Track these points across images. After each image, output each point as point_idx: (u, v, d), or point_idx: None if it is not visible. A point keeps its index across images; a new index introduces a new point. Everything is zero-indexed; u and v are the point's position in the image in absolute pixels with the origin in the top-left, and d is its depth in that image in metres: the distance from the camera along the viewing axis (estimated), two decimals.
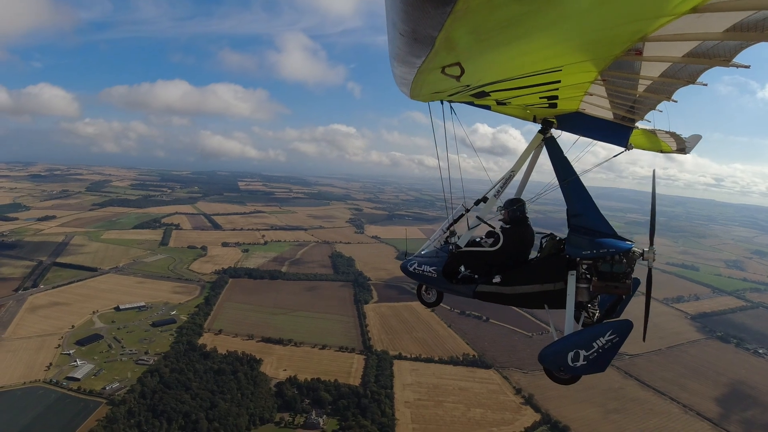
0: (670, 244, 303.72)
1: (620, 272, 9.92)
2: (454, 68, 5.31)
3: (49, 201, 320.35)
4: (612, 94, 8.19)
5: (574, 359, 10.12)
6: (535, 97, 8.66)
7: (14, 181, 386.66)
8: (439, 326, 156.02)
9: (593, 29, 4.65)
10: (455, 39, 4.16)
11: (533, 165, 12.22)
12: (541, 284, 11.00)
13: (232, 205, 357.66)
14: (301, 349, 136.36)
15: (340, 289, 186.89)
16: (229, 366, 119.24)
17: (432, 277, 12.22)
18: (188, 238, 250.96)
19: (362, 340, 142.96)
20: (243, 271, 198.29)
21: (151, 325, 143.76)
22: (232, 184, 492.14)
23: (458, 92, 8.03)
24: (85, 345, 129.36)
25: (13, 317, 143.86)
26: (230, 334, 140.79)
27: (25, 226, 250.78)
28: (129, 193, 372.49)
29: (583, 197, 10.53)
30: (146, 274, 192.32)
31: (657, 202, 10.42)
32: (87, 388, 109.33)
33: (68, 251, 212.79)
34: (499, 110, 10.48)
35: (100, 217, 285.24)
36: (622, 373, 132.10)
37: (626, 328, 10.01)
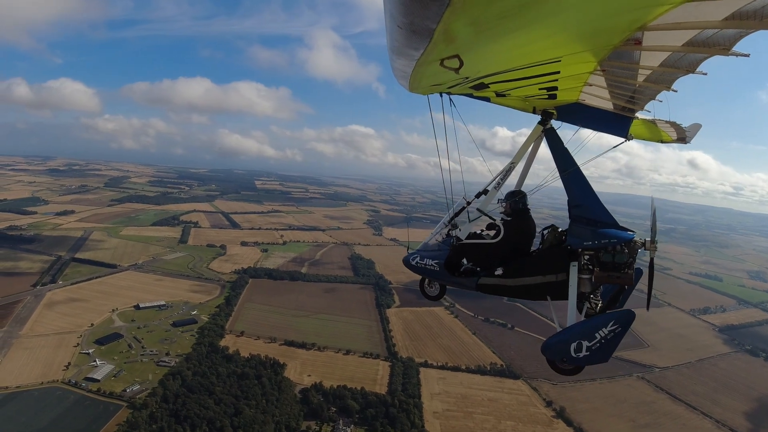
0: (691, 253, 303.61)
1: (622, 262, 9.93)
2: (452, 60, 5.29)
3: (67, 195, 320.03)
4: (611, 84, 8.16)
5: (577, 350, 9.98)
6: (534, 88, 8.57)
7: (33, 175, 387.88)
8: (463, 333, 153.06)
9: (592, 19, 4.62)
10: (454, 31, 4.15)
11: (533, 156, 12.17)
12: (544, 276, 10.90)
13: (249, 204, 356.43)
14: (325, 354, 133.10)
15: (361, 291, 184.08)
16: (253, 370, 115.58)
17: (434, 270, 12.15)
18: (207, 236, 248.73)
19: (386, 346, 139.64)
20: (263, 272, 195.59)
21: (172, 324, 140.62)
22: (249, 183, 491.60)
23: (457, 84, 7.90)
24: (104, 344, 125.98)
25: (31, 313, 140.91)
26: (252, 337, 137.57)
27: (43, 220, 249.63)
28: (147, 190, 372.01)
29: (583, 188, 10.47)
30: (166, 271, 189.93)
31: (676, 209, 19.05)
32: (107, 390, 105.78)
33: (87, 247, 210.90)
34: (499, 102, 10.40)
35: (119, 213, 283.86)
36: (653, 387, 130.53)
37: (628, 318, 9.90)
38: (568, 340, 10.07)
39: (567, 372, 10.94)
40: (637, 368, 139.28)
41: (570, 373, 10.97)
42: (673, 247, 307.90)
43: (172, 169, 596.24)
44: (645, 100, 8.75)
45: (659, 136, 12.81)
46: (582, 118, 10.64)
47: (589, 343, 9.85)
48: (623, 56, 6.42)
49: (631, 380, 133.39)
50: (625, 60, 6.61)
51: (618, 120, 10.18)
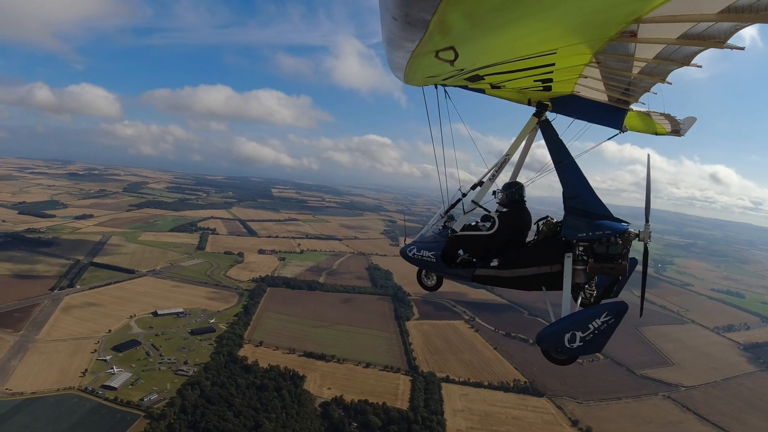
0: (712, 269, 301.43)
1: (616, 253, 9.92)
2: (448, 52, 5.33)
3: (86, 200, 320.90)
4: (606, 76, 8.24)
5: (571, 340, 9.91)
6: (529, 80, 8.56)
7: (52, 178, 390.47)
8: (484, 348, 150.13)
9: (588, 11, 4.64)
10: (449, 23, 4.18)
11: (528, 148, 12.25)
12: (538, 267, 10.89)
13: (266, 212, 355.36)
14: (345, 366, 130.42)
15: (379, 302, 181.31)
16: (272, 382, 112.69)
17: (431, 261, 12.25)
18: (224, 243, 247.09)
19: (407, 360, 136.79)
20: (281, 280, 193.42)
21: (190, 332, 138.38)
22: (265, 191, 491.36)
23: (452, 76, 7.92)
24: (122, 351, 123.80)
25: (48, 318, 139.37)
26: (271, 347, 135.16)
27: (62, 223, 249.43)
28: (165, 196, 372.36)
29: (578, 179, 10.47)
30: (183, 278, 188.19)
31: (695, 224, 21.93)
32: (124, 399, 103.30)
33: (105, 251, 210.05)
34: (494, 94, 10.57)
35: (137, 218, 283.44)
36: (680, 406, 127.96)
37: (621, 310, 9.77)
38: (562, 331, 10.07)
39: (561, 362, 10.94)
40: (662, 387, 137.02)
41: (564, 363, 10.96)
42: (693, 263, 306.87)
43: (189, 175, 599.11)
44: (640, 92, 8.89)
45: (653, 129, 12.99)
46: (577, 109, 10.77)
47: (582, 333, 9.87)
48: (618, 48, 6.45)
49: (657, 399, 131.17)
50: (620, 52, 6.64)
51: (613, 112, 10.32)
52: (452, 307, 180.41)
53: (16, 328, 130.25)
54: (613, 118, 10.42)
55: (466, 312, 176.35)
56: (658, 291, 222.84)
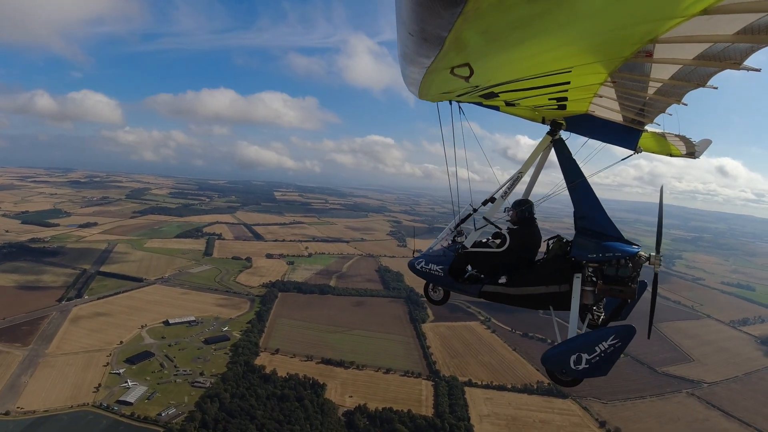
0: (721, 262, 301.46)
1: (625, 276, 9.89)
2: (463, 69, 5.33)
3: (89, 207, 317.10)
4: (621, 96, 8.20)
5: (577, 362, 9.86)
6: (544, 98, 8.47)
7: (54, 186, 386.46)
8: (503, 349, 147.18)
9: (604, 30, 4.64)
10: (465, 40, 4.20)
11: (541, 166, 12.03)
12: (547, 286, 10.86)
13: (271, 216, 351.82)
14: (365, 373, 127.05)
15: (392, 305, 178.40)
16: (293, 391, 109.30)
17: (439, 276, 12.17)
18: (231, 248, 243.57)
19: (427, 364, 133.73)
20: (292, 285, 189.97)
21: (204, 342, 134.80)
22: (268, 194, 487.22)
23: (467, 93, 7.96)
24: (135, 363, 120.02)
25: (57, 330, 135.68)
26: (288, 354, 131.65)
27: (66, 232, 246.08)
28: (168, 202, 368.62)
29: (590, 199, 10.47)
30: (193, 285, 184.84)
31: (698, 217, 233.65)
32: (141, 414, 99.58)
33: (112, 259, 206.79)
34: (508, 111, 10.49)
35: (142, 225, 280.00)
36: (704, 403, 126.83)
37: (629, 334, 9.74)
38: (568, 352, 9.94)
39: (566, 383, 10.95)
40: (685, 384, 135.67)
41: (569, 384, 10.94)
42: (701, 257, 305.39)
43: (191, 180, 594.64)
44: (655, 113, 8.78)
45: (668, 150, 12.88)
46: (591, 129, 10.55)
47: (588, 356, 9.71)
48: (634, 68, 6.40)
49: (681, 397, 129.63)
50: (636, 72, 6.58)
51: (627, 132, 10.12)
52: (466, 308, 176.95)
53: (25, 342, 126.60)
54: (627, 139, 10.21)
55: (480, 313, 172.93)
56: (671, 286, 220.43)
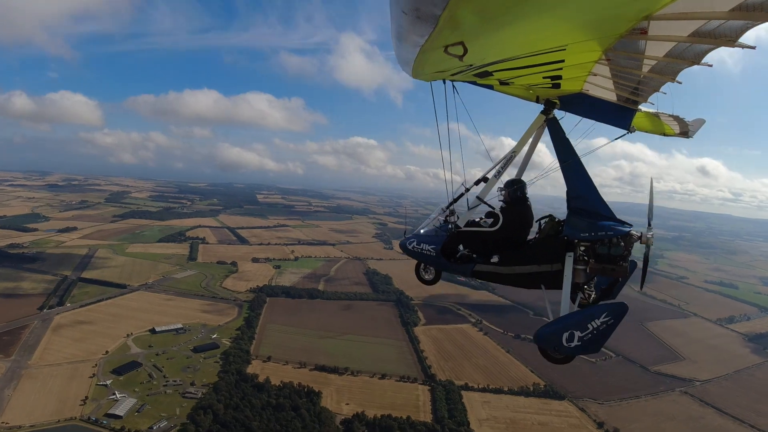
0: (702, 261, 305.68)
1: (617, 255, 9.96)
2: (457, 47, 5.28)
3: (68, 212, 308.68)
4: (616, 74, 8.23)
5: (569, 340, 9.98)
6: (538, 77, 8.54)
7: (31, 190, 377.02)
8: (497, 351, 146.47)
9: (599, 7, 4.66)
10: (459, 18, 4.19)
11: (535, 146, 12.23)
12: (539, 265, 10.99)
13: (254, 219, 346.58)
14: (360, 379, 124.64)
15: (382, 308, 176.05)
16: (288, 400, 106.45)
17: (431, 256, 12.29)
18: (216, 252, 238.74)
19: (421, 368, 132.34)
20: (280, 290, 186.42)
21: (192, 350, 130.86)
22: (250, 197, 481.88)
23: (461, 71, 7.95)
24: (122, 374, 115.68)
25: (39, 340, 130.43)
26: (280, 362, 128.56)
27: (45, 237, 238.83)
28: (149, 205, 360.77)
29: (583, 179, 10.49)
30: (178, 291, 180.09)
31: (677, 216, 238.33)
32: (131, 428, 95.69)
33: (93, 265, 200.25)
34: (502, 90, 10.54)
35: (123, 230, 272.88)
36: (698, 401, 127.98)
37: (621, 311, 9.93)
38: (561, 330, 10.04)
39: (557, 361, 11.05)
40: (678, 383, 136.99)
41: (560, 362, 11.08)
42: (683, 255, 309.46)
43: (171, 183, 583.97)
44: (649, 91, 8.85)
45: (662, 129, 12.94)
46: (585, 108, 10.61)
47: (581, 333, 9.82)
48: (629, 46, 6.38)
49: (674, 395, 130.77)
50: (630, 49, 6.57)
51: (621, 111, 10.17)
52: (457, 311, 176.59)
53: (6, 353, 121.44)
54: (621, 118, 10.27)
55: (471, 315, 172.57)
56: (656, 285, 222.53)
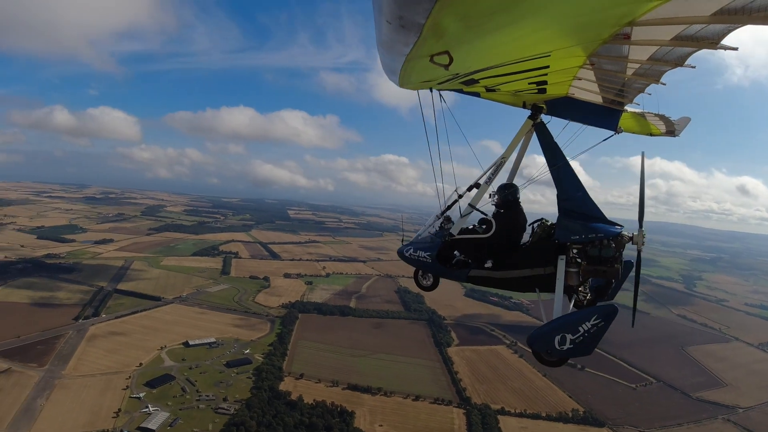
0: (741, 283, 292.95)
1: (609, 256, 10.02)
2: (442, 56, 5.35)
3: (105, 224, 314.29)
4: (601, 78, 8.46)
5: (561, 342, 10.05)
6: (524, 83, 8.58)
7: (69, 202, 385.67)
8: (532, 375, 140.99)
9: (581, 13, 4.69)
10: (443, 26, 4.21)
11: (524, 151, 12.36)
12: (532, 269, 11.08)
13: (285, 234, 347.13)
14: (393, 400, 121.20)
15: (414, 327, 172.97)
16: (321, 419, 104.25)
17: (427, 262, 12.45)
18: (248, 267, 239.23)
19: (456, 390, 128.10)
20: (312, 306, 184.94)
21: (225, 365, 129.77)
22: (282, 213, 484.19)
23: (447, 80, 7.96)
24: (155, 387, 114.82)
25: (74, 350, 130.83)
26: (312, 379, 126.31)
27: (82, 248, 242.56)
28: (183, 219, 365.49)
29: (572, 182, 10.55)
30: (211, 305, 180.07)
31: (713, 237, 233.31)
32: None
33: (129, 277, 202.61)
34: (489, 97, 10.72)
35: (158, 243, 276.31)
36: (742, 429, 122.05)
37: (611, 313, 9.86)
38: (552, 332, 10.12)
39: (551, 364, 11.14)
40: (721, 410, 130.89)
41: (554, 364, 11.22)
42: (722, 277, 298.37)
43: (205, 197, 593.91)
44: (634, 93, 9.14)
45: (648, 129, 13.34)
46: (572, 111, 10.83)
47: (572, 336, 9.86)
48: (612, 50, 6.55)
49: (718, 423, 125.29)
50: (614, 54, 6.74)
51: (607, 113, 10.47)
52: (490, 331, 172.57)
53: (40, 363, 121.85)
54: (607, 120, 10.55)
55: (505, 336, 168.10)
56: (696, 308, 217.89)
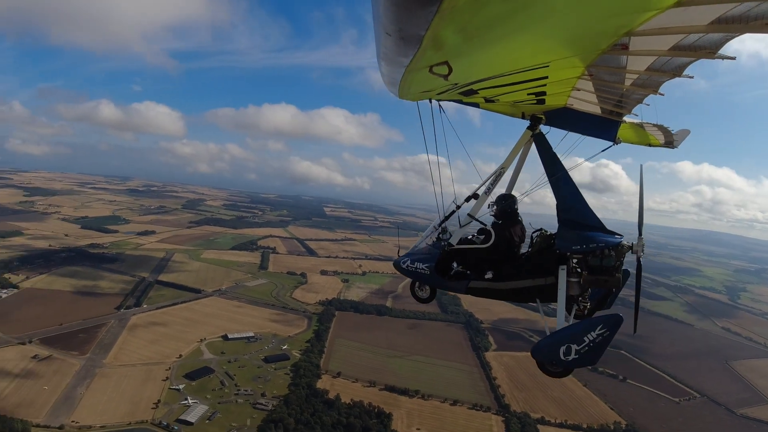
0: None
1: (610, 266, 9.93)
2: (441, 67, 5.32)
3: (147, 216, 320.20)
4: (599, 88, 8.46)
5: (566, 353, 9.92)
6: (523, 93, 8.55)
7: (113, 194, 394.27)
8: (573, 384, 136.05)
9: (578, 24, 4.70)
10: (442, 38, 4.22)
11: (523, 161, 12.19)
12: (533, 279, 11.03)
13: (321, 231, 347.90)
14: (430, 404, 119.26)
15: (450, 330, 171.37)
16: (358, 420, 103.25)
17: (425, 274, 12.21)
18: (285, 263, 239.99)
19: (494, 397, 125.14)
20: (348, 304, 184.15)
21: (263, 360, 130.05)
22: (318, 210, 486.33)
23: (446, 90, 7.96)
24: (195, 379, 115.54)
25: (115, 340, 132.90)
26: (349, 379, 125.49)
27: (125, 239, 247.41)
28: (223, 213, 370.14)
29: (572, 192, 10.48)
30: (250, 299, 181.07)
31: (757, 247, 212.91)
32: None
33: (170, 268, 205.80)
34: (488, 107, 10.74)
35: (198, 236, 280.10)
36: None
37: (616, 322, 9.72)
38: (557, 344, 10.01)
39: (556, 374, 10.89)
40: (766, 428, 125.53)
41: (559, 375, 10.92)
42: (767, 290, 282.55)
43: (243, 193, 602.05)
44: (632, 104, 9.22)
45: (647, 140, 13.15)
46: (570, 122, 10.85)
47: (578, 346, 9.75)
48: (610, 61, 6.60)
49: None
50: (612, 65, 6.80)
51: (606, 124, 10.55)
52: (528, 337, 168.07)
53: (81, 351, 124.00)
54: (606, 130, 10.61)
55: None
56: (740, 321, 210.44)
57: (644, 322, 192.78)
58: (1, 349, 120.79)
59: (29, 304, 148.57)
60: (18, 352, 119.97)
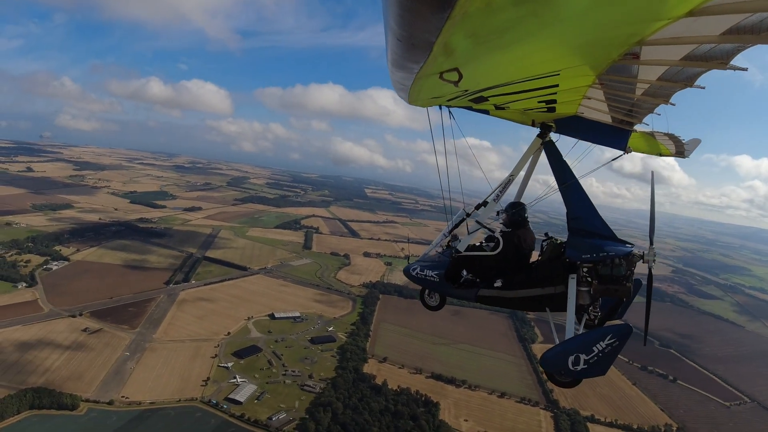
0: None
1: (620, 275, 9.77)
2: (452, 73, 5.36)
3: (193, 192, 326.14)
4: (610, 97, 8.33)
5: (575, 363, 9.65)
6: (533, 101, 8.42)
7: (160, 170, 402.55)
8: (622, 382, 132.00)
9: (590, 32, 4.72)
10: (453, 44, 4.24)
11: (533, 169, 12.15)
12: (542, 288, 10.86)
13: (363, 212, 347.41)
14: (478, 395, 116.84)
15: (495, 319, 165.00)
16: (406, 407, 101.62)
17: (434, 281, 12.10)
18: (329, 243, 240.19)
19: (542, 391, 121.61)
20: (392, 288, 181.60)
21: (310, 341, 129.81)
22: (359, 191, 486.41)
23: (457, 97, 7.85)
24: (243, 358, 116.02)
25: (165, 315, 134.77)
26: (396, 364, 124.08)
27: (172, 214, 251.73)
28: (266, 191, 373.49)
29: (582, 200, 10.38)
30: (295, 279, 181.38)
31: None
32: (251, 416, 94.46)
33: (216, 245, 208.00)
34: (498, 114, 10.56)
35: (243, 213, 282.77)
36: None
37: (626, 333, 9.48)
38: (566, 353, 9.76)
39: (565, 384, 10.57)
40: None
41: (568, 385, 10.61)
42: None
43: (286, 172, 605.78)
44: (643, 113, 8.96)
45: (657, 150, 12.94)
46: (580, 130, 10.62)
47: (587, 356, 9.50)
48: (621, 70, 6.53)
49: None
50: (623, 74, 6.71)
51: (616, 133, 10.27)
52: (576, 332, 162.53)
53: (132, 325, 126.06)
54: (616, 139, 10.29)
55: None
56: None
57: (694, 322, 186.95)
58: (52, 321, 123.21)
59: (80, 276, 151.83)
60: (68, 325, 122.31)
